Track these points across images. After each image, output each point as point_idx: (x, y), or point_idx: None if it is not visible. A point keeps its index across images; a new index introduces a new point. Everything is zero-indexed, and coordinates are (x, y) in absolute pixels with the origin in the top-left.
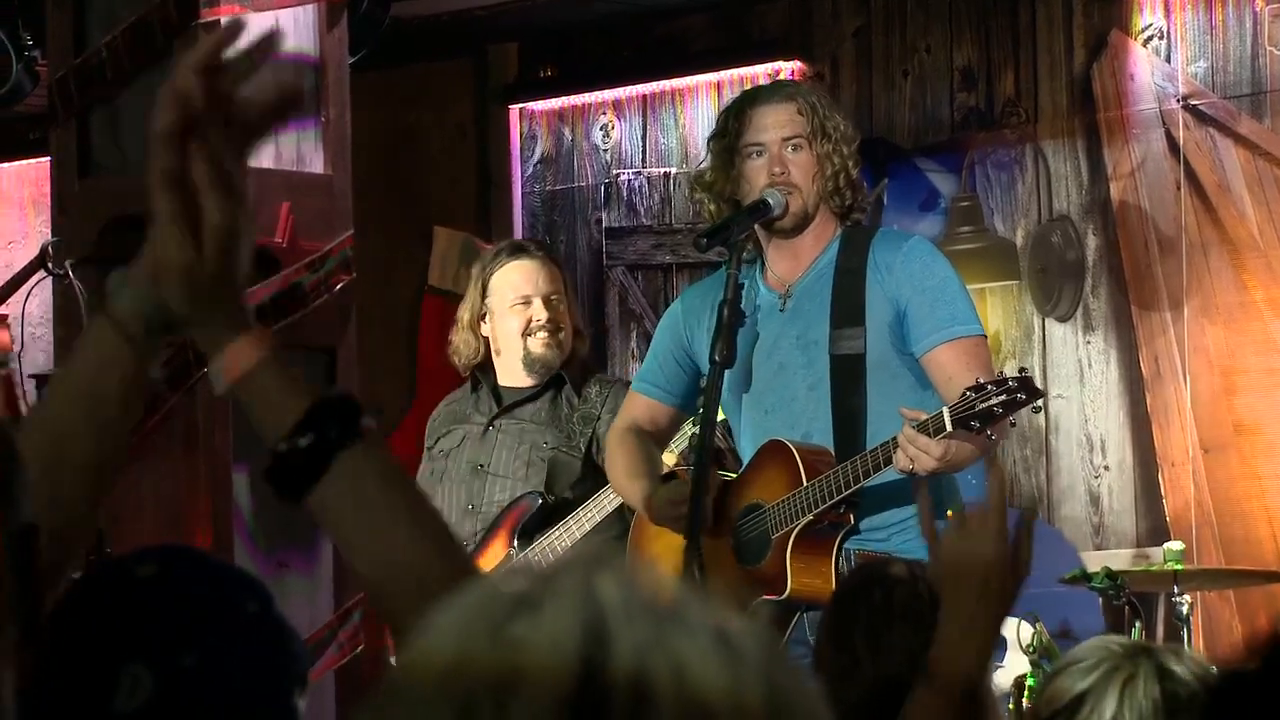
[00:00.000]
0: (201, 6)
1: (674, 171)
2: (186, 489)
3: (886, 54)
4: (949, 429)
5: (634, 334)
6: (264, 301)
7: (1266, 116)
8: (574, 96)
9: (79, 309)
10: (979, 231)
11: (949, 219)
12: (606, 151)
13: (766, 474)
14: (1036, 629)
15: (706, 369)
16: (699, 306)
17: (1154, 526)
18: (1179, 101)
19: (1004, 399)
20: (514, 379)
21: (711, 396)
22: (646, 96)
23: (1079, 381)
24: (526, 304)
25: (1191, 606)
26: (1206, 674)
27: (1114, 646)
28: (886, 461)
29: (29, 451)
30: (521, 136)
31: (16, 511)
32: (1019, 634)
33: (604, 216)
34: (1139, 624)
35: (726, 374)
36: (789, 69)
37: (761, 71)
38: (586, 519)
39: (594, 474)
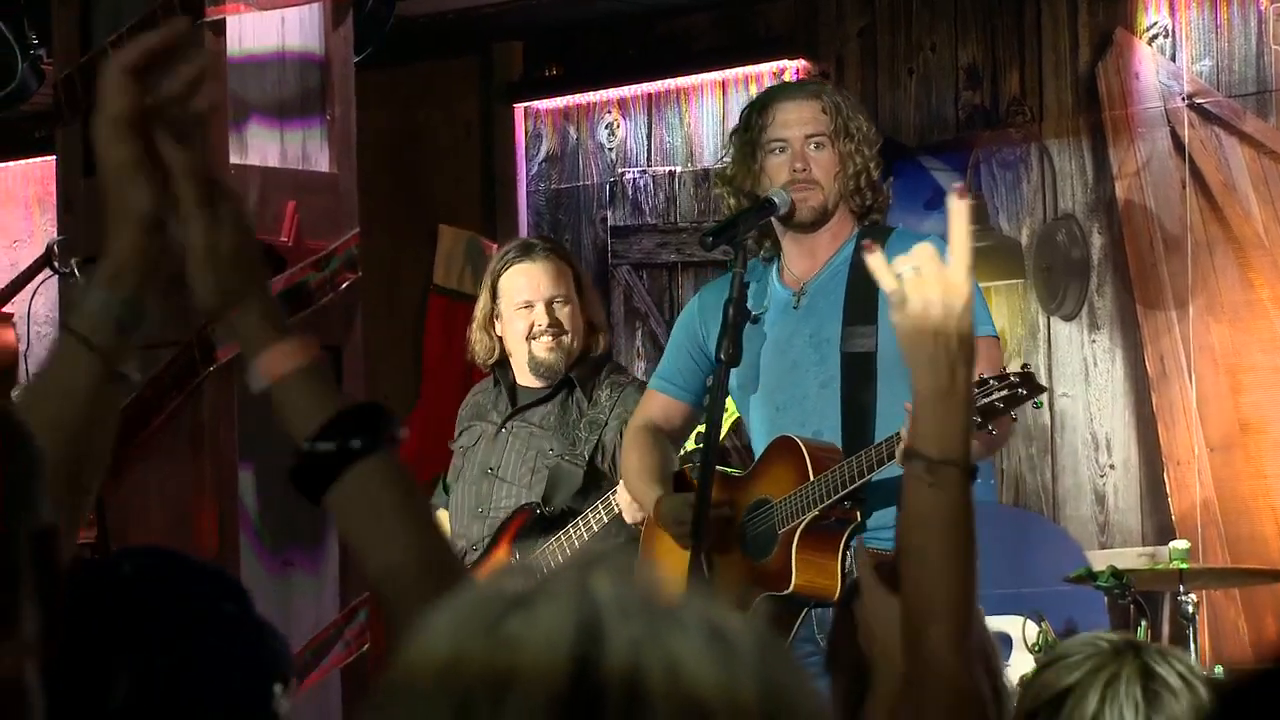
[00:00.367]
0: (207, 5)
1: (679, 170)
2: (192, 489)
3: (891, 52)
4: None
5: (639, 333)
6: None
7: (1272, 115)
8: (579, 95)
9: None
10: (984, 230)
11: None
12: (611, 150)
13: (775, 469)
14: (1042, 628)
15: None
16: (715, 304)
17: (1160, 525)
18: (1184, 100)
19: (1006, 394)
20: (527, 378)
21: (717, 395)
22: (651, 95)
23: (1084, 380)
24: (529, 308)
25: (1197, 605)
26: (1192, 675)
27: (1102, 643)
28: (890, 456)
29: None
30: (526, 135)
31: (37, 513)
32: (1024, 633)
33: (609, 215)
34: (1145, 623)
35: (740, 371)
36: (793, 68)
37: (766, 70)
38: (576, 536)
39: (596, 483)
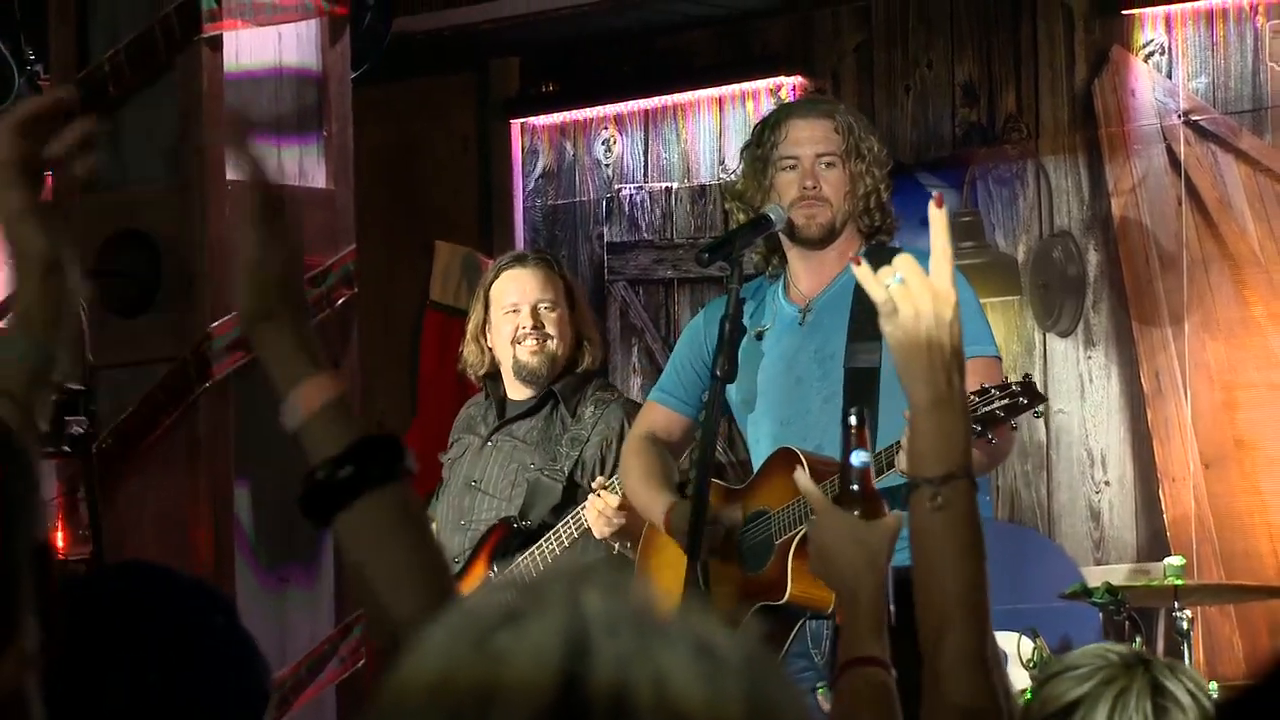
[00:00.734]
0: (204, 21)
1: (675, 186)
2: (188, 504)
3: (888, 69)
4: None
5: (635, 349)
6: None
7: (1268, 132)
8: (576, 111)
9: (81, 323)
10: (980, 247)
11: (951, 236)
12: (608, 166)
13: (774, 481)
14: (1037, 644)
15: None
16: (718, 320)
17: (1154, 541)
18: (1180, 117)
19: (1006, 403)
20: (516, 391)
21: (712, 411)
22: (648, 111)
23: (1080, 397)
24: (516, 312)
25: (1192, 622)
26: (1200, 690)
27: (1111, 656)
28: (890, 465)
29: None
30: (523, 151)
31: (35, 529)
32: (1019, 649)
33: (605, 231)
34: (1139, 639)
35: (742, 387)
36: (790, 84)
37: (763, 86)
38: (548, 550)
39: (574, 499)
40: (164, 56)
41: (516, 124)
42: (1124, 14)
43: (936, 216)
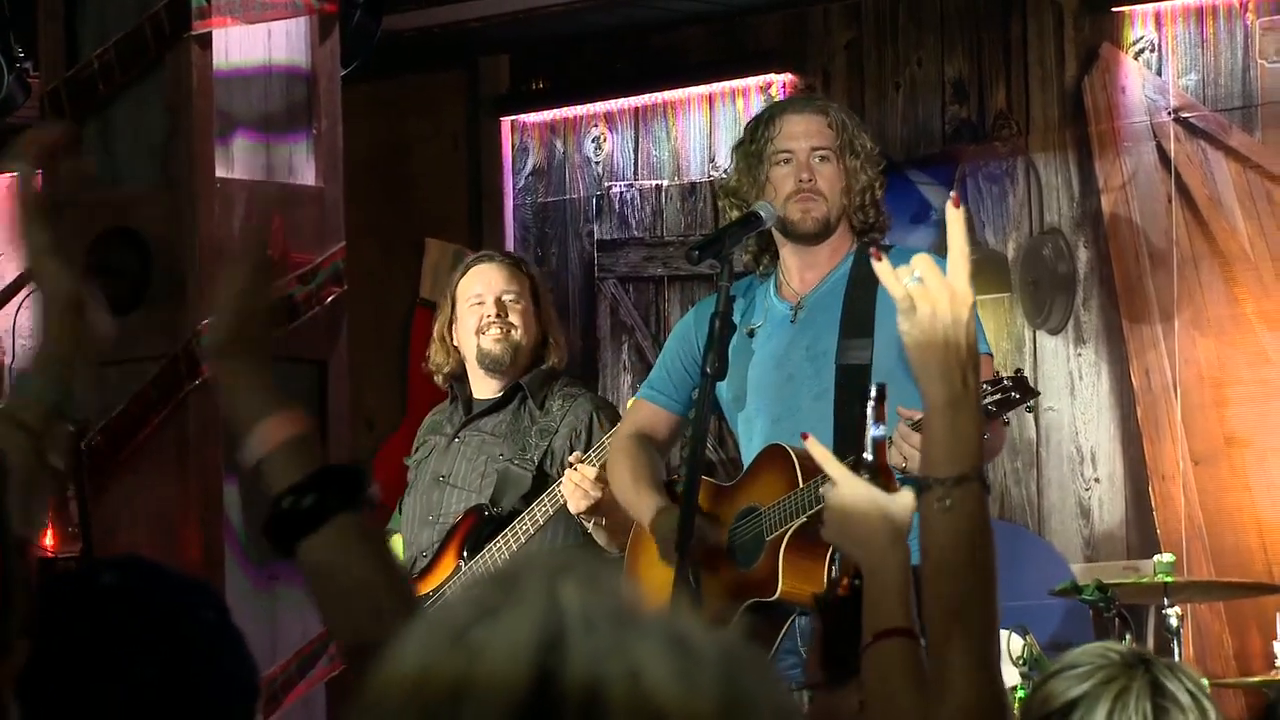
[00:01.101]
0: (193, 19)
1: (666, 184)
2: (177, 502)
3: (878, 66)
4: None
5: (625, 346)
6: None
7: (1257, 129)
8: (566, 109)
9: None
10: (970, 244)
11: (940, 231)
12: (598, 164)
13: (764, 477)
14: (1027, 641)
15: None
16: (709, 317)
17: (1145, 539)
18: (1170, 114)
19: (998, 397)
20: (481, 388)
21: (702, 408)
22: (638, 109)
23: (1070, 394)
24: (481, 303)
25: (1182, 619)
26: (1201, 691)
27: (1112, 655)
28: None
29: None
30: (513, 148)
31: (7, 526)
32: (1009, 646)
33: (596, 229)
34: (1129, 636)
35: (733, 385)
36: (781, 81)
37: (753, 84)
38: (522, 531)
39: (545, 486)
40: (153, 54)
41: (507, 121)
42: (1114, 11)
43: (954, 217)
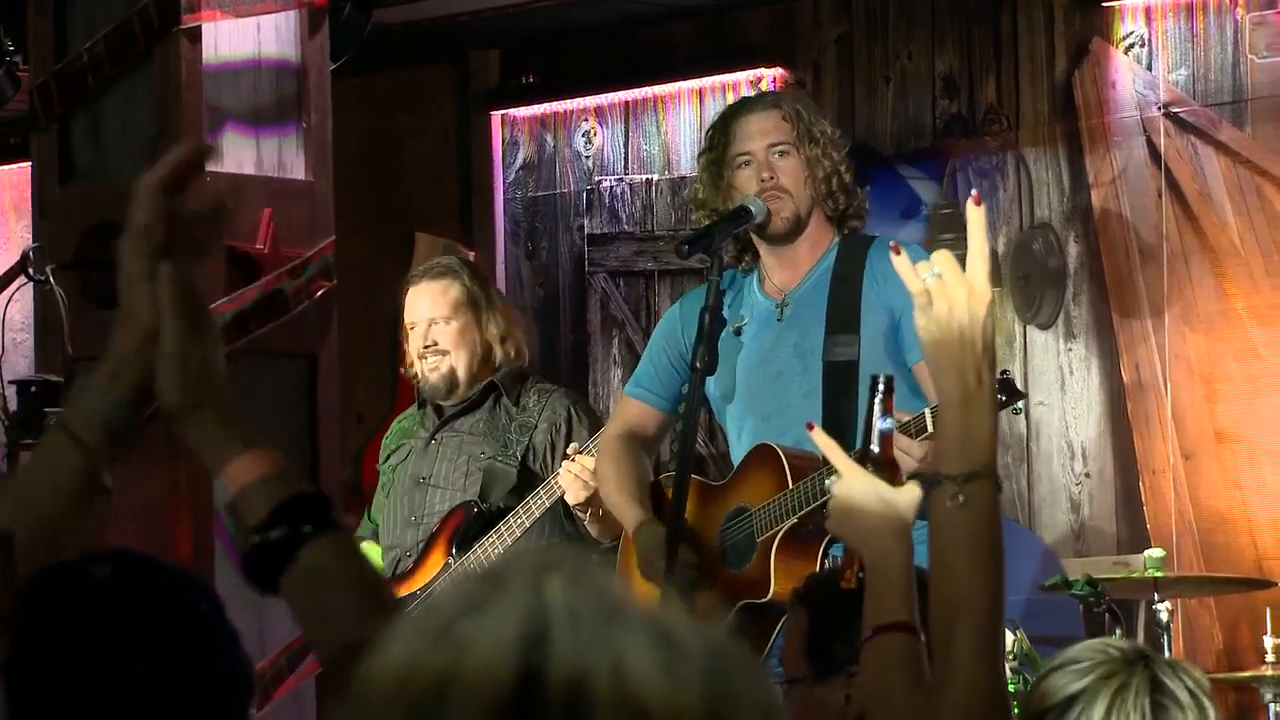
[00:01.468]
0: (182, 12)
1: (656, 178)
2: (168, 496)
3: (869, 61)
4: (930, 430)
5: (616, 340)
6: (245, 307)
7: (1247, 124)
8: (556, 103)
9: (60, 315)
10: (960, 239)
11: (930, 226)
12: (589, 158)
13: (753, 477)
14: (1017, 636)
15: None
16: (695, 312)
17: (1135, 533)
18: (1160, 109)
19: None
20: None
21: (692, 404)
22: (629, 103)
23: (1060, 389)
24: (414, 330)
25: (1172, 614)
26: (1200, 689)
27: (1112, 651)
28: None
29: None
30: (503, 142)
31: None
32: None
33: (586, 223)
34: (1119, 631)
35: (721, 381)
36: (771, 76)
37: (744, 78)
38: (518, 525)
39: (529, 481)
40: (142, 48)
41: (497, 115)
42: (1104, 6)
43: (974, 215)
